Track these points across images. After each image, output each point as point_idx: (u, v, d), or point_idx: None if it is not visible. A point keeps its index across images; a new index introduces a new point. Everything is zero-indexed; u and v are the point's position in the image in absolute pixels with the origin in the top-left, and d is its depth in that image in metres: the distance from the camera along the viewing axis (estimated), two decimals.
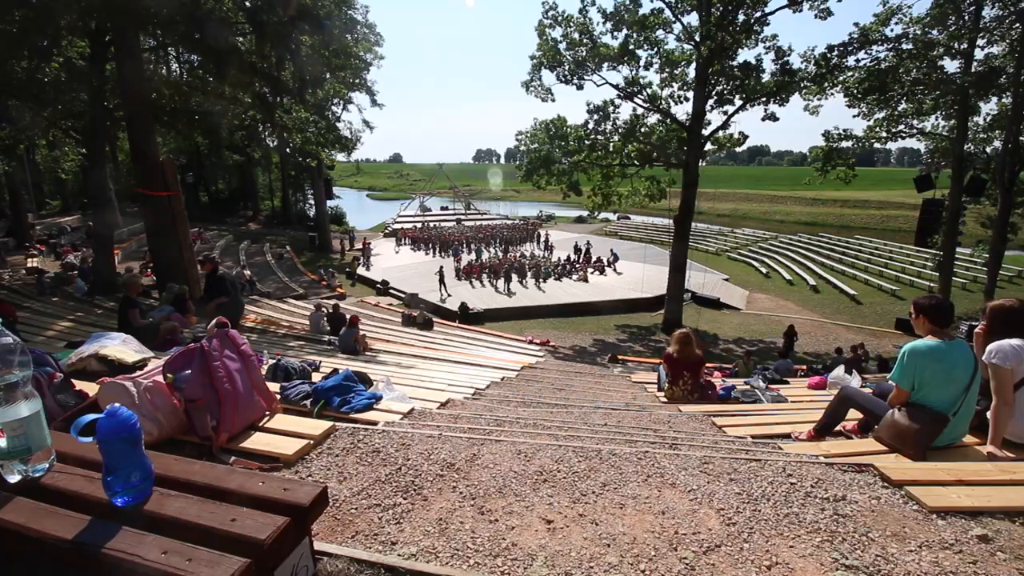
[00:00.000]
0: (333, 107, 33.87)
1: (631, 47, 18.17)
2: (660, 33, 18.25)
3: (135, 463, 1.19)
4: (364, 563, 1.50)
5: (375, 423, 2.88)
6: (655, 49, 18.53)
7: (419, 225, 41.32)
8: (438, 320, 16.69)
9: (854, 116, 18.84)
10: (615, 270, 28.34)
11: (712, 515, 1.95)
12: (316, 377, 3.93)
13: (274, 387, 3.13)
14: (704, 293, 23.48)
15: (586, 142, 19.55)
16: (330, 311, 11.90)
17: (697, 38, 17.37)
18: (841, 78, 17.50)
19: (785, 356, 12.13)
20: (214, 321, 2.44)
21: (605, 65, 18.58)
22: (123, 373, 3.02)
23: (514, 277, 25.00)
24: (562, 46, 18.53)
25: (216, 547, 1.09)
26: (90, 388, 2.66)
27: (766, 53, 18.05)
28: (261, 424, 2.47)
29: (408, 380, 5.16)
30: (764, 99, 17.94)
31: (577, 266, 28.11)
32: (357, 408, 3.13)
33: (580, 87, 19.02)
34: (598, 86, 19.24)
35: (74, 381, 2.68)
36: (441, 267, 23.95)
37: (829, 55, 16.95)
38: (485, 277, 25.62)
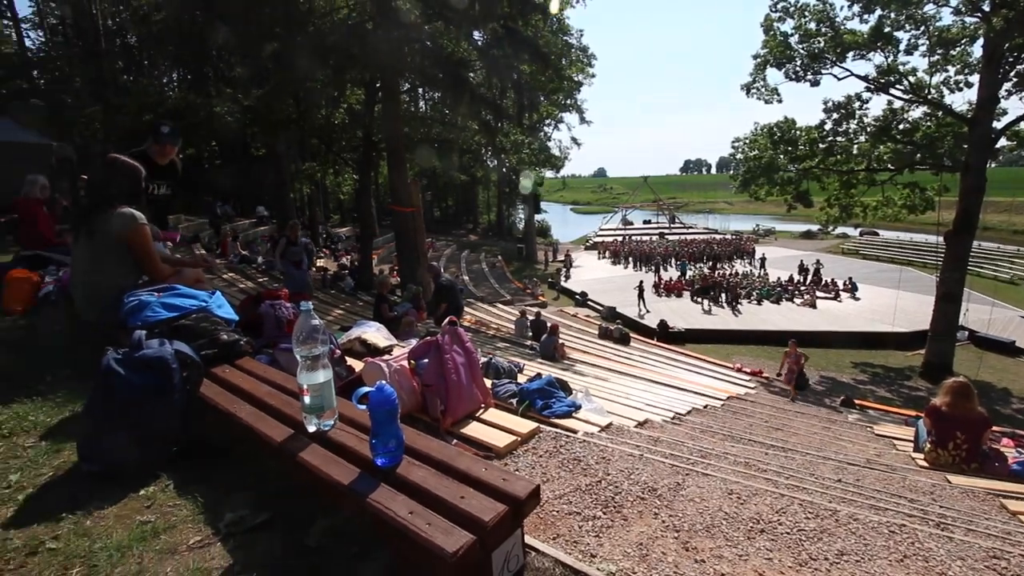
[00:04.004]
0: (545, 127, 36.22)
1: (887, 29, 15.14)
2: (929, 7, 14.80)
3: (392, 432, 1.43)
4: (568, 568, 1.53)
5: (575, 431, 2.93)
6: (922, 28, 15.10)
7: (620, 239, 41.15)
8: (635, 336, 16.32)
9: None
10: (853, 295, 23.82)
11: None
12: (521, 379, 4.20)
13: (487, 383, 3.44)
14: (989, 333, 17.97)
15: (821, 145, 16.93)
16: (533, 318, 12.65)
17: (986, 7, 13.54)
18: None
19: None
20: (447, 319, 2.81)
21: (850, 55, 15.84)
22: (377, 355, 3.68)
23: (722, 297, 22.98)
24: (793, 39, 16.44)
25: (446, 517, 1.24)
26: (354, 364, 3.31)
27: None
28: (477, 415, 2.74)
29: (604, 393, 5.14)
30: None
31: (802, 288, 24.47)
32: (558, 414, 3.23)
33: (816, 83, 16.56)
34: (839, 79, 16.48)
35: (345, 358, 3.37)
36: (641, 282, 23.35)
37: None
38: (688, 295, 24.13)
